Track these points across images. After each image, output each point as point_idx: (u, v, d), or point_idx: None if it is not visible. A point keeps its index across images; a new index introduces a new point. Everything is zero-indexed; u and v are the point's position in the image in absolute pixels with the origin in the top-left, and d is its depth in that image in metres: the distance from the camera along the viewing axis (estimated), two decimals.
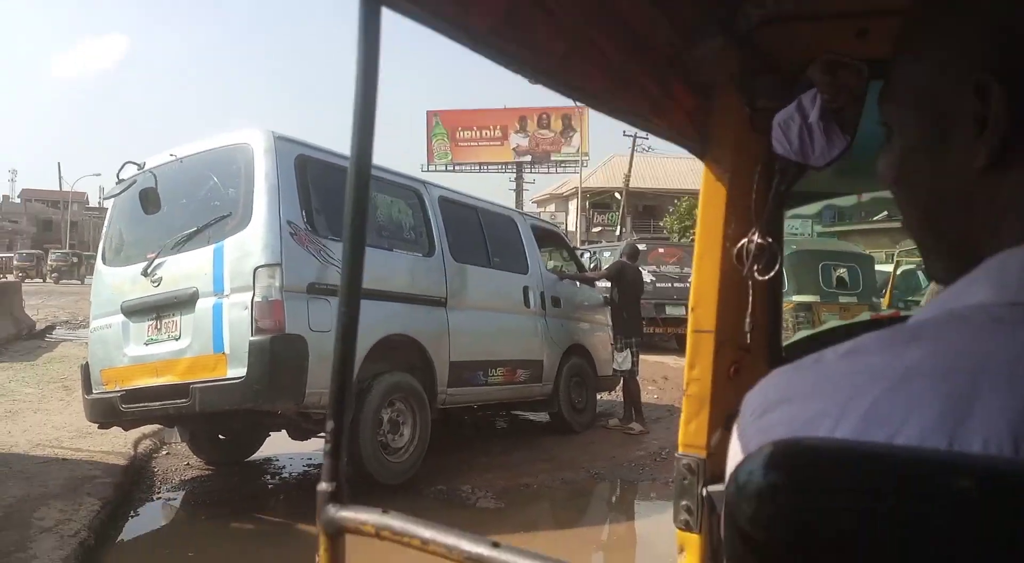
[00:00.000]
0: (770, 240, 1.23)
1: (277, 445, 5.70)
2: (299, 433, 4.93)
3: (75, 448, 5.24)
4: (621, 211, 34.40)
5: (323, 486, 0.71)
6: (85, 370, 4.97)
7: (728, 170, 1.27)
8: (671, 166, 41.39)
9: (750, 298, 1.28)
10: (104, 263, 5.13)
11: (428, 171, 40.29)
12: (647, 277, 10.01)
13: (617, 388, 7.50)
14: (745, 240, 1.24)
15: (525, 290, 6.35)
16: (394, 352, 4.86)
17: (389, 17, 0.69)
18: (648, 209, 42.91)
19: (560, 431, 6.70)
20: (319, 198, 4.59)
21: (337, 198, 4.81)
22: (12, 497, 4.08)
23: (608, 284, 7.42)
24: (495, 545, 0.58)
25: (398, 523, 0.64)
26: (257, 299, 4.14)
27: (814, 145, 1.09)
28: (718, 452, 1.26)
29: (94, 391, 4.85)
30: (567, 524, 4.75)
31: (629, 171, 33.48)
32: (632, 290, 7.12)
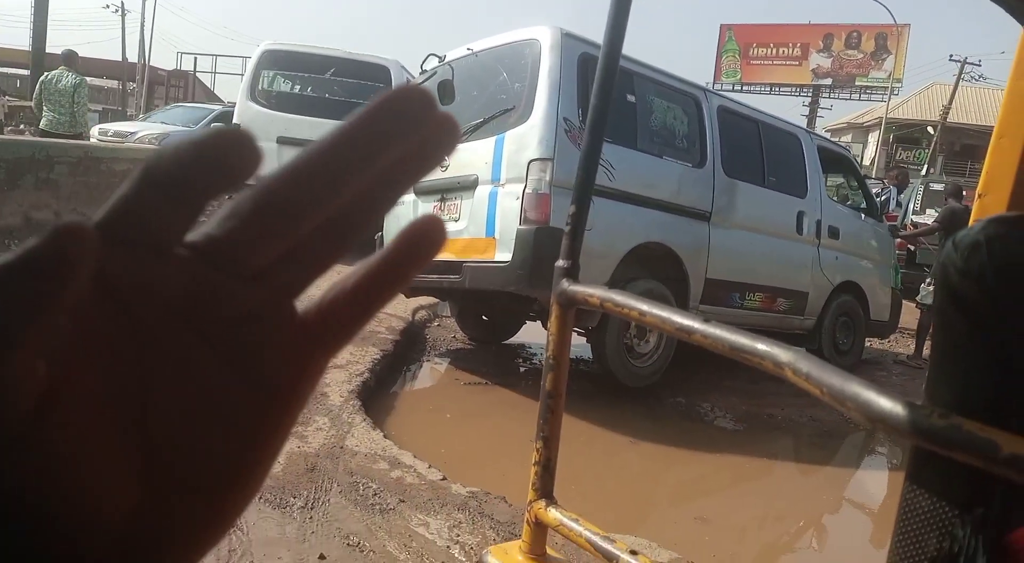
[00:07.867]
0: None
1: (531, 334, 6.11)
2: None
3: None
4: (932, 148, 29.94)
5: (560, 262, 0.77)
6: (380, 241, 5.68)
7: None
8: None
9: None
10: None
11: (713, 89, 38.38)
12: None
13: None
14: None
15: (799, 215, 5.93)
16: (650, 260, 4.87)
17: None
18: (967, 149, 37.02)
19: None
20: None
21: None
22: None
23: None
24: (706, 320, 0.60)
25: (619, 297, 0.68)
26: (527, 191, 4.36)
27: None
28: None
29: None
30: (809, 461, 4.47)
31: (950, 102, 28.81)
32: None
